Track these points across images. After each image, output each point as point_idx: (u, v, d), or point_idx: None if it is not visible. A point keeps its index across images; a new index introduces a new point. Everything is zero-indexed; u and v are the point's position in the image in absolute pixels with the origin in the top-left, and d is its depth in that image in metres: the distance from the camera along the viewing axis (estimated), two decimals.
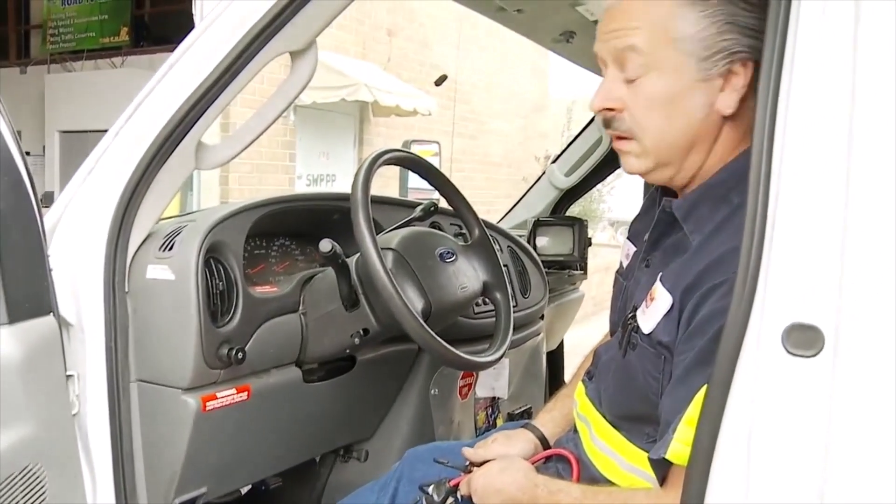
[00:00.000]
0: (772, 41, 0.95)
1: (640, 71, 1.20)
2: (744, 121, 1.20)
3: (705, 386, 1.00)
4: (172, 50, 1.42)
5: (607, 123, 1.27)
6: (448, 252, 1.74)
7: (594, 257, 2.97)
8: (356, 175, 1.56)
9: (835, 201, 0.90)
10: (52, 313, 1.34)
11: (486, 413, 2.36)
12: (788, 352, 0.90)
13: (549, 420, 1.60)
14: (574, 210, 3.21)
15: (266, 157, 8.49)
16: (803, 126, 0.93)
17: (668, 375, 1.18)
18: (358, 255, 1.59)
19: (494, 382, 2.29)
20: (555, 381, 3.00)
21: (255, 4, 1.34)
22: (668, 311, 1.18)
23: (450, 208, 1.88)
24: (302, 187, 9.19)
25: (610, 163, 2.95)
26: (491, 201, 12.43)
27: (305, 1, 1.33)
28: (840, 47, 0.92)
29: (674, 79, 1.18)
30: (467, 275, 1.76)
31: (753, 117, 1.11)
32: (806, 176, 0.92)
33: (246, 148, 1.50)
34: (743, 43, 1.16)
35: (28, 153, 9.88)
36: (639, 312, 1.26)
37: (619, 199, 12.20)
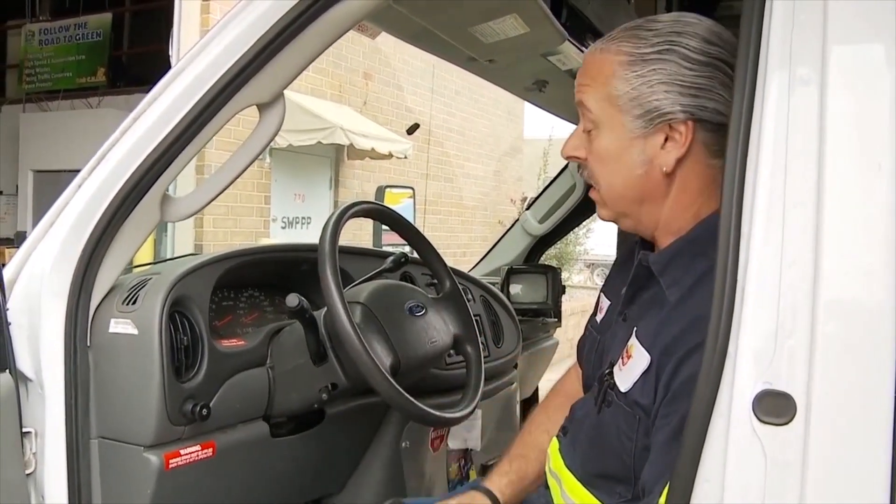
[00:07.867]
0: (739, 105, 0.95)
1: (590, 126, 1.25)
2: (692, 178, 1.21)
3: None
4: (149, 91, 1.40)
5: (579, 169, 1.34)
6: (417, 306, 1.72)
7: (571, 299, 2.97)
8: (324, 228, 1.55)
9: (805, 266, 0.89)
10: (7, 369, 1.31)
11: (459, 465, 2.32)
12: (759, 419, 0.88)
13: (506, 485, 1.52)
14: (551, 252, 3.22)
15: (241, 200, 8.48)
16: (772, 188, 0.92)
17: (641, 437, 1.16)
18: (326, 309, 1.57)
19: (467, 434, 2.26)
20: None
21: (222, 56, 1.33)
22: (646, 370, 1.16)
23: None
24: (277, 230, 9.17)
25: (584, 209, 2.96)
26: (467, 244, 12.47)
27: (273, 54, 1.32)
28: (808, 111, 0.91)
29: (614, 135, 1.23)
30: (437, 328, 1.74)
31: (702, 176, 1.19)
32: (775, 240, 0.91)
33: (213, 200, 1.48)
34: (682, 102, 1.17)
35: (0, 192, 9.84)
36: (615, 369, 1.24)
37: (596, 241, 12.26)
